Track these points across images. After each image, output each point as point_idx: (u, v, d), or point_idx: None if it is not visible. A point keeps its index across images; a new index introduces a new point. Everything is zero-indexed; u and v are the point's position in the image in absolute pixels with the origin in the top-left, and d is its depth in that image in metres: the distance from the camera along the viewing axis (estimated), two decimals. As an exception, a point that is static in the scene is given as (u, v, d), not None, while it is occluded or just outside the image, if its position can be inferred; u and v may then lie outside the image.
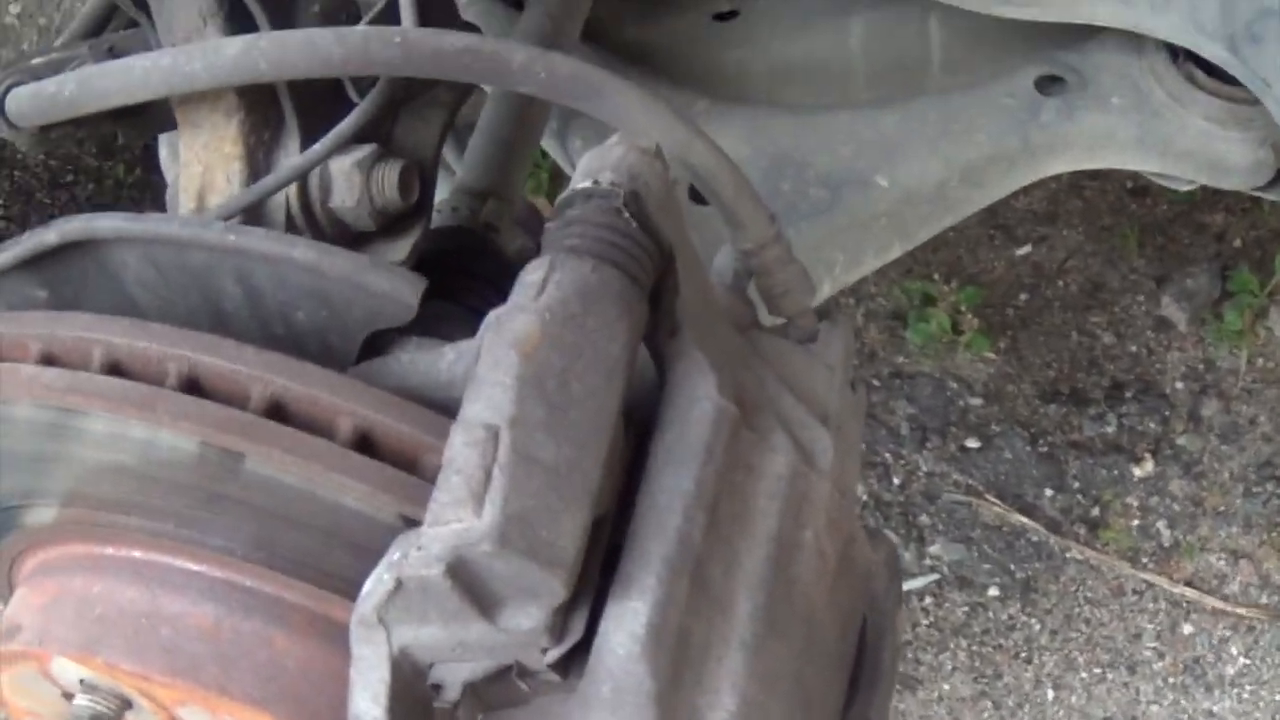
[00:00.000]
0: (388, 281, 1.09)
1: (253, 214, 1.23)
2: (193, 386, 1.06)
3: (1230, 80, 1.61)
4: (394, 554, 0.91)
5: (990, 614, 2.49)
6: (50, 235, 1.16)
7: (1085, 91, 1.74)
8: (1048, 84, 1.76)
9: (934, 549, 2.55)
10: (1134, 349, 2.73)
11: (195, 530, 1.11)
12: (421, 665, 0.95)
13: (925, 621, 2.49)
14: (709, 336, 1.08)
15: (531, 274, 1.00)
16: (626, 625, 0.93)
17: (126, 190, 3.06)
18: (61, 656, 1.16)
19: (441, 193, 1.62)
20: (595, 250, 1.00)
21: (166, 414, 1.04)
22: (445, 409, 1.03)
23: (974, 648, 2.46)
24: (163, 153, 1.80)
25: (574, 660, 0.95)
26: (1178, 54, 1.69)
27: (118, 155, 3.10)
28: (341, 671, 1.08)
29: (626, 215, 1.03)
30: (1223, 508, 2.58)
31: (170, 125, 1.36)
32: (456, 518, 0.89)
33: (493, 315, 0.99)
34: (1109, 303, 2.78)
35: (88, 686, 1.16)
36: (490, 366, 0.95)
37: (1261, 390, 2.69)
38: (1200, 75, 1.69)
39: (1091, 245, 2.84)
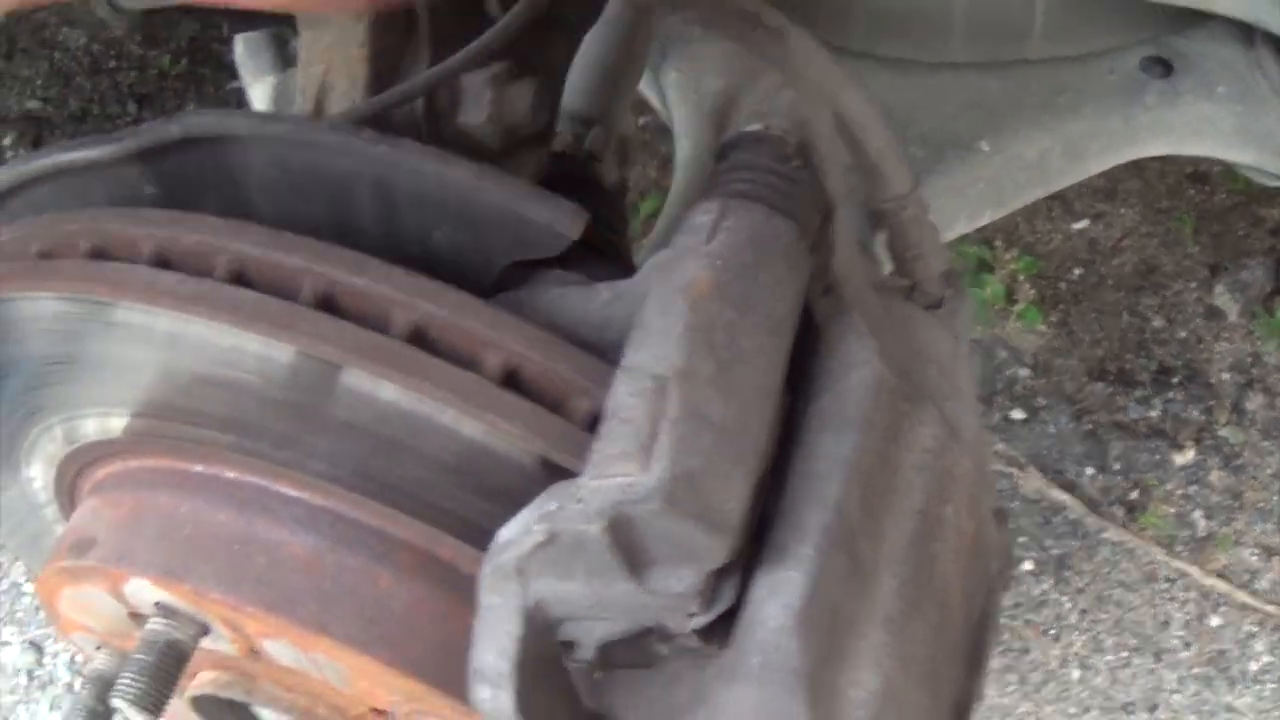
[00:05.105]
0: (548, 211, 1.02)
1: (376, 124, 1.17)
2: (327, 304, 1.00)
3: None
4: (549, 504, 0.86)
5: (1023, 588, 2.46)
6: (173, 129, 1.09)
7: (1190, 77, 1.72)
8: (1152, 66, 1.73)
9: (972, 519, 2.51)
10: (1183, 335, 2.69)
11: (294, 452, 1.05)
12: (553, 620, 0.90)
13: (957, 592, 2.45)
14: (861, 297, 1.03)
15: (700, 216, 0.95)
16: (782, 597, 0.88)
17: (170, 81, 2.99)
18: (141, 578, 1.10)
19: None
20: (768, 198, 0.95)
21: (305, 335, 0.98)
22: (595, 350, 0.97)
23: (1004, 621, 2.43)
24: (238, 51, 1.74)
25: (716, 628, 0.90)
26: (1286, 48, 1.67)
27: (163, 45, 3.03)
28: (448, 617, 1.03)
29: (798, 163, 0.98)
30: (1261, 503, 2.55)
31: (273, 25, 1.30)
32: (622, 471, 0.84)
33: (658, 257, 0.94)
34: (1161, 286, 2.74)
35: (165, 610, 1.10)
36: (658, 313, 0.90)
37: (1307, 389, 2.66)
38: (1306, 71, 1.67)
39: (1147, 227, 2.79)
